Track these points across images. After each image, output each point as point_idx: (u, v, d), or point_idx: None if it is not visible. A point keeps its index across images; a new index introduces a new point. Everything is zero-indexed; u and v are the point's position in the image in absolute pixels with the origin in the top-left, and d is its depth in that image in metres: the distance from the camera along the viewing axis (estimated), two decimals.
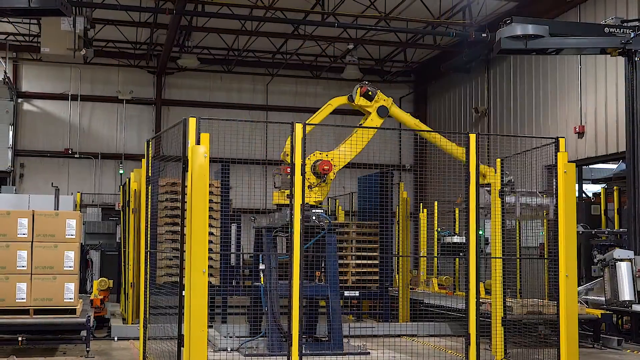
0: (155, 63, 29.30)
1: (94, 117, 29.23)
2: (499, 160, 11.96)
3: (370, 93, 13.66)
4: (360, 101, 13.65)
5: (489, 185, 13.90)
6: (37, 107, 28.81)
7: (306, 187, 9.98)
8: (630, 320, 14.80)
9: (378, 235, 16.13)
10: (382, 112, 13.71)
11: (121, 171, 28.44)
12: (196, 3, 22.69)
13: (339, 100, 13.73)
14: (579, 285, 14.88)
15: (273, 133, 21.88)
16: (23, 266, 11.83)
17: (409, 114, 14.53)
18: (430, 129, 16.76)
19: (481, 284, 10.45)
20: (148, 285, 10.71)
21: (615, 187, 19.01)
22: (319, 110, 13.57)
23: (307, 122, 10.30)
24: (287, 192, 10.33)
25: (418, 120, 14.64)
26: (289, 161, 9.84)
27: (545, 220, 15.80)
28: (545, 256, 13.95)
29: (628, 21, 15.10)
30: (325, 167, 12.74)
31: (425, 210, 20.24)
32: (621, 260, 14.13)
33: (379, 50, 29.24)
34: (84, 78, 28.93)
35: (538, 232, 16.37)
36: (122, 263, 16.73)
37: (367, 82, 14.12)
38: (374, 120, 13.67)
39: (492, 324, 11.70)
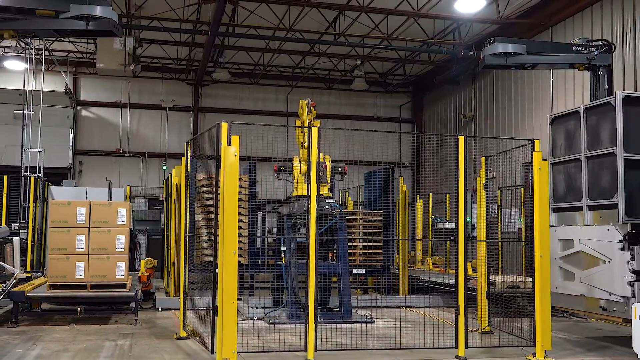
0: (193, 76, 29.36)
1: (141, 122, 29.31)
2: (483, 158, 11.94)
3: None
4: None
5: None
6: (93, 114, 28.90)
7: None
8: None
9: (381, 222, 16.13)
10: None
11: (164, 168, 28.54)
12: (228, 25, 22.71)
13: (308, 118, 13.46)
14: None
15: (292, 135, 21.89)
16: (81, 248, 11.91)
17: None
18: None
19: (468, 263, 10.39)
20: (187, 264, 10.74)
21: None
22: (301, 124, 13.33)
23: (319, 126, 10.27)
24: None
25: None
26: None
27: (522, 209, 15.77)
28: (523, 239, 13.89)
29: (593, 41, 14.97)
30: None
31: (421, 200, 20.19)
32: None
33: (382, 65, 29.18)
34: (132, 89, 29.02)
35: (516, 219, 16.29)
36: (165, 245, 16.78)
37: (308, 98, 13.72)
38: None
39: (478, 297, 11.69)
